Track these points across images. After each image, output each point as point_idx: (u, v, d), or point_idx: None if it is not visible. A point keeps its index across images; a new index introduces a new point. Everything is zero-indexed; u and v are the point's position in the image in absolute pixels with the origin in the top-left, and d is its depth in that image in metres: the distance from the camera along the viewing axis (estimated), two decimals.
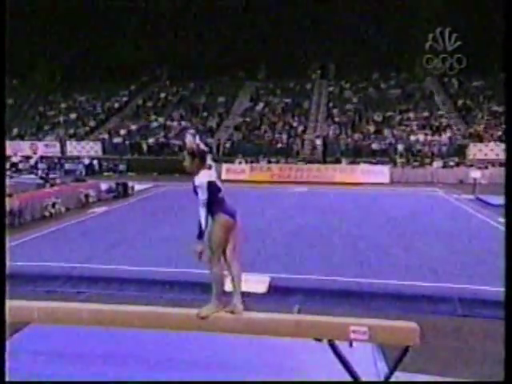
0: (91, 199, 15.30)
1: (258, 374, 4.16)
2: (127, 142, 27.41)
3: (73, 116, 31.59)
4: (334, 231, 11.03)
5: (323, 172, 22.79)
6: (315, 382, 4.11)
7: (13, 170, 24.20)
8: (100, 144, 27.46)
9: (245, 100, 31.58)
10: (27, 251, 9.07)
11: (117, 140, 27.80)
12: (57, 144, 27.87)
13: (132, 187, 17.64)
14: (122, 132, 28.52)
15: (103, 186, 16.83)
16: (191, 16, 33.86)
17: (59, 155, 27.16)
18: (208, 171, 3.48)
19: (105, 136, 28.51)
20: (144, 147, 26.83)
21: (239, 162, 24.11)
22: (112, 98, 33.41)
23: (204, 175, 3.44)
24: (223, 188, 3.54)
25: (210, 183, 3.42)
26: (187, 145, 3.53)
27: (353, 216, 13.17)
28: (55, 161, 26.32)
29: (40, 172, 23.05)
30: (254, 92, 32.26)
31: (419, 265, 8.16)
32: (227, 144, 26.36)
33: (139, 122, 29.70)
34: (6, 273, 3.36)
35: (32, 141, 28.43)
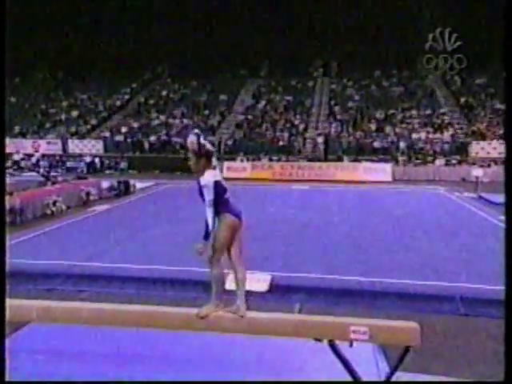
0: (92, 197, 15.28)
1: (258, 374, 4.14)
2: (129, 140, 27.41)
3: (74, 114, 31.58)
4: (336, 229, 11.02)
5: (325, 170, 22.69)
6: (315, 382, 4.09)
7: (14, 168, 24.26)
8: (101, 142, 27.46)
9: (246, 98, 31.54)
10: (28, 249, 9.08)
11: (118, 138, 27.78)
12: (58, 142, 27.90)
13: (133, 185, 17.62)
14: (124, 130, 28.50)
15: (104, 184, 16.80)
16: (192, 13, 33.80)
17: (61, 153, 27.23)
18: (213, 171, 3.44)
19: (106, 134, 28.51)
20: (145, 145, 26.82)
21: (241, 160, 24.08)
22: (113, 96, 33.41)
23: (210, 175, 3.39)
24: (228, 188, 3.51)
25: (217, 183, 3.38)
26: (189, 145, 3.48)
27: (354, 214, 13.14)
28: (57, 159, 26.36)
29: (42, 170, 23.04)
30: (256, 90, 32.21)
31: (421, 263, 8.13)
32: (229, 142, 26.33)
33: (141, 120, 29.68)
34: (7, 270, 3.35)
35: (34, 139, 28.47)
